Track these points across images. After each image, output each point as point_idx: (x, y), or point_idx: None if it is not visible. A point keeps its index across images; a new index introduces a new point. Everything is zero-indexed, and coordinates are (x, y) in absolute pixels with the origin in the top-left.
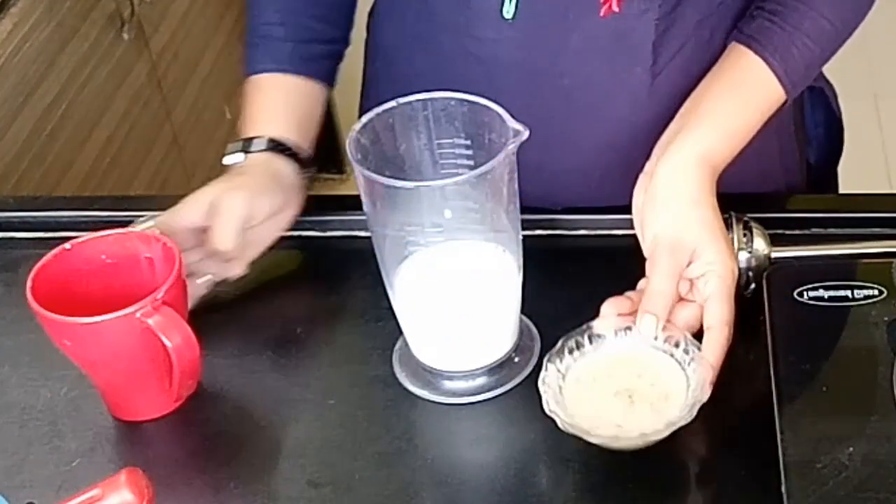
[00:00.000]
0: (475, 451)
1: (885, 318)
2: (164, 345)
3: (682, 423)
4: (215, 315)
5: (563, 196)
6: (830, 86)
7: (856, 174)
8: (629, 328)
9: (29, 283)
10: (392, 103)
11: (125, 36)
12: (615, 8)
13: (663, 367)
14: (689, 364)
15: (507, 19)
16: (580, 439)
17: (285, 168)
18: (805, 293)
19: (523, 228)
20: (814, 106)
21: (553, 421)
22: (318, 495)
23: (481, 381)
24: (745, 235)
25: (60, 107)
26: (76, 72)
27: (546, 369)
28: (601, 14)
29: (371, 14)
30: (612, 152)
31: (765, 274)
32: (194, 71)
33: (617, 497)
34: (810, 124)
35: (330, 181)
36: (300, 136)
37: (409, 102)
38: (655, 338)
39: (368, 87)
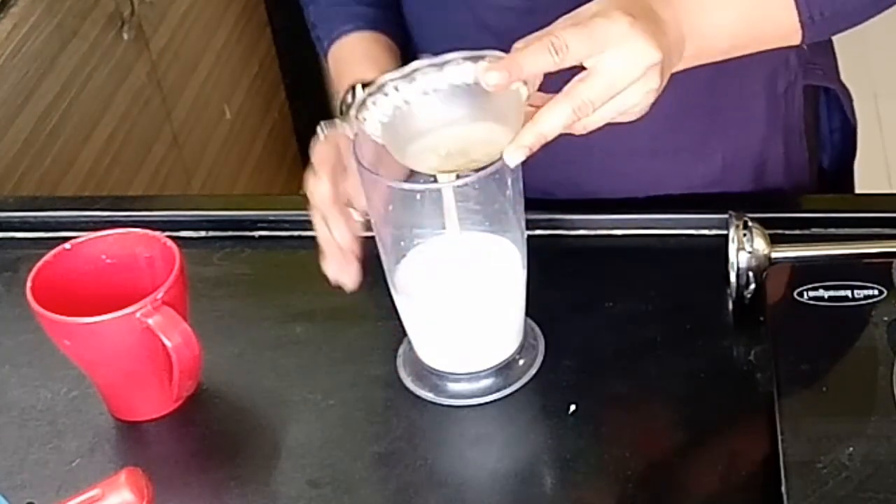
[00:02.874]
0: (475, 452)
1: (885, 318)
2: (164, 345)
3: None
4: (215, 315)
5: (564, 187)
6: (846, 91)
7: (856, 174)
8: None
9: (29, 283)
10: None
11: (125, 36)
12: None
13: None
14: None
15: None
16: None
17: None
18: (805, 293)
19: None
20: (830, 110)
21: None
22: (318, 495)
23: (487, 382)
24: (745, 235)
25: (60, 107)
26: (76, 72)
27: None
28: None
29: None
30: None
31: (765, 274)
32: (194, 71)
33: (617, 497)
34: (825, 129)
35: None
36: None
37: None
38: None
39: None
